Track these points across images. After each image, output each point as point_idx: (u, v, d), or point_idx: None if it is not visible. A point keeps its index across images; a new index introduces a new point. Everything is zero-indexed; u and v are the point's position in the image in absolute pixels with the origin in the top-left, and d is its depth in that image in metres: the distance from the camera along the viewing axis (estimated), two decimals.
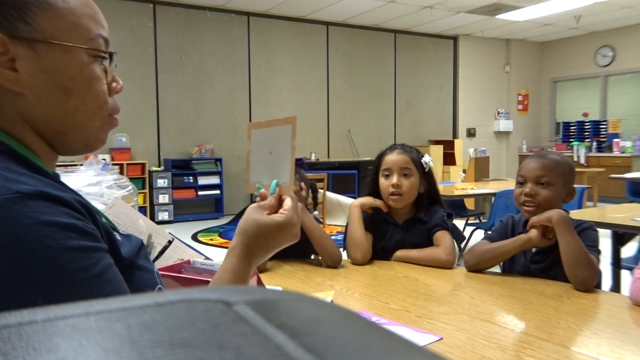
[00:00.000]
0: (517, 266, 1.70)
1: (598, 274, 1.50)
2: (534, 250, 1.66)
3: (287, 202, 0.85)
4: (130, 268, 0.66)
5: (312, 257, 1.91)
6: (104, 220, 0.65)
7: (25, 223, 0.51)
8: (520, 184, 1.68)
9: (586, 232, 1.59)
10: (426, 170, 1.88)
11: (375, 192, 1.91)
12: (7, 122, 0.63)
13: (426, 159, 1.89)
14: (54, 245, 0.52)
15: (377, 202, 1.88)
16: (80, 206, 0.58)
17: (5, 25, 0.60)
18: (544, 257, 1.63)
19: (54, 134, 0.66)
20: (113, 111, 0.71)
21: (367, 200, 1.90)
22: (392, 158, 1.86)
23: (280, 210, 0.84)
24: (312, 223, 1.78)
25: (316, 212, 1.93)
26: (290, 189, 0.86)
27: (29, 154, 0.63)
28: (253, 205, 0.85)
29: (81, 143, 0.69)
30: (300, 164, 1.99)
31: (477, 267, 1.68)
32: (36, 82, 0.62)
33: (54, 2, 0.63)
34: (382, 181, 1.87)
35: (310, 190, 1.96)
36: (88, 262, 0.54)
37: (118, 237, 0.67)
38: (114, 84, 0.71)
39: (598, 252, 1.55)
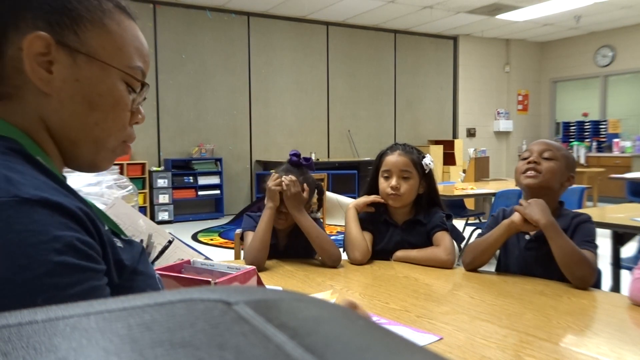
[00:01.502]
0: (511, 257, 1.70)
1: (595, 270, 1.50)
2: (527, 237, 1.66)
3: None
4: (133, 274, 0.66)
5: (315, 256, 1.91)
6: (106, 227, 0.64)
7: (13, 228, 0.50)
8: (525, 158, 1.70)
9: (583, 225, 1.59)
10: (426, 171, 1.88)
11: (375, 192, 1.91)
12: (25, 119, 0.64)
13: (427, 160, 1.88)
14: (35, 255, 0.50)
15: (371, 197, 1.89)
16: (82, 214, 0.56)
17: (56, 29, 0.63)
18: (540, 243, 1.62)
19: (66, 143, 0.67)
20: (128, 138, 0.73)
21: (361, 200, 1.91)
22: (393, 159, 1.86)
23: None
24: (310, 224, 1.78)
25: (318, 214, 1.92)
26: None
27: (40, 154, 0.63)
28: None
29: (89, 158, 0.70)
30: (309, 165, 1.93)
31: (474, 264, 1.69)
32: (66, 88, 0.64)
33: (108, 24, 0.67)
34: (382, 182, 1.87)
35: (316, 191, 1.95)
36: (68, 279, 0.52)
37: (120, 243, 0.66)
38: (139, 116, 0.74)
39: (595, 246, 1.55)
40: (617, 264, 2.75)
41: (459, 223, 3.40)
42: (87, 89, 0.65)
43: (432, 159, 1.93)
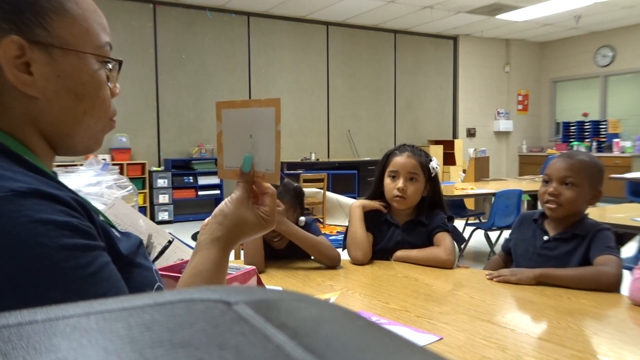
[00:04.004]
0: (525, 256, 1.71)
1: (616, 272, 1.50)
2: (546, 238, 1.67)
3: (268, 201, 0.83)
4: (130, 266, 0.66)
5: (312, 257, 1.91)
6: (101, 218, 0.65)
7: (19, 221, 0.51)
8: (546, 182, 1.68)
9: (601, 233, 1.60)
10: (432, 175, 1.88)
11: (381, 192, 1.91)
12: (12, 122, 0.63)
13: (434, 163, 1.88)
14: (48, 243, 0.52)
15: (377, 205, 1.89)
16: (76, 204, 0.58)
17: (23, 29, 0.61)
18: (557, 243, 1.64)
19: (60, 136, 0.67)
20: (113, 114, 0.74)
21: (368, 203, 1.91)
22: (401, 161, 1.85)
23: (263, 209, 0.82)
24: (301, 234, 1.75)
25: (302, 219, 1.86)
26: (275, 178, 0.82)
27: (28, 154, 0.63)
28: (239, 198, 0.82)
29: (84, 145, 0.70)
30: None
31: None
32: (49, 86, 0.64)
33: (69, 8, 0.65)
34: (388, 182, 1.87)
35: (295, 195, 1.86)
36: (83, 260, 0.54)
37: (117, 233, 0.67)
38: (116, 90, 0.74)
39: (615, 250, 1.56)
40: None
41: (459, 223, 3.40)
42: (70, 81, 0.65)
43: (438, 162, 1.92)
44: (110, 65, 0.71)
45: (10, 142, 0.62)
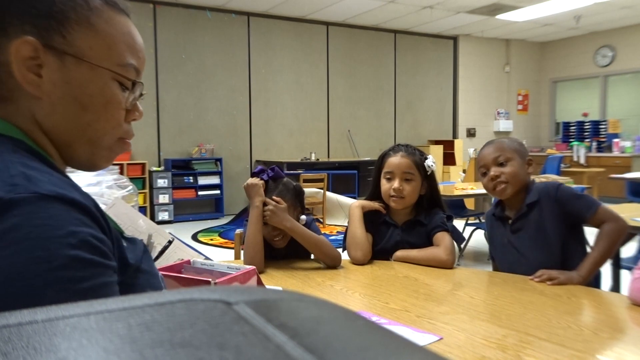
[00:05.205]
0: (499, 249, 1.78)
1: (615, 217, 1.57)
2: (510, 221, 1.73)
3: None
4: (136, 272, 0.66)
5: (312, 257, 1.91)
6: (112, 225, 0.66)
7: (32, 223, 0.52)
8: (484, 174, 1.75)
9: (561, 191, 1.64)
10: (428, 173, 1.88)
11: (379, 193, 1.91)
12: (23, 121, 0.65)
13: (429, 162, 1.88)
14: (51, 248, 0.52)
15: (376, 205, 1.89)
16: (96, 211, 0.58)
17: (42, 33, 0.63)
18: (524, 223, 1.69)
19: (61, 144, 0.68)
20: (126, 135, 0.73)
21: (367, 203, 1.91)
22: (395, 161, 1.85)
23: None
24: (304, 232, 1.75)
25: (303, 217, 1.86)
26: None
27: (46, 155, 0.65)
28: None
29: (85, 158, 0.70)
30: (276, 174, 1.70)
31: None
32: (56, 91, 0.64)
33: (95, 22, 0.66)
34: (384, 183, 1.87)
35: (295, 194, 1.87)
36: (80, 274, 0.53)
37: (124, 243, 0.67)
38: (136, 113, 0.74)
39: (595, 202, 1.61)
40: (617, 264, 2.75)
41: (459, 223, 3.41)
42: (78, 90, 0.65)
43: (434, 160, 1.92)
44: (134, 89, 0.71)
45: (28, 141, 0.64)
